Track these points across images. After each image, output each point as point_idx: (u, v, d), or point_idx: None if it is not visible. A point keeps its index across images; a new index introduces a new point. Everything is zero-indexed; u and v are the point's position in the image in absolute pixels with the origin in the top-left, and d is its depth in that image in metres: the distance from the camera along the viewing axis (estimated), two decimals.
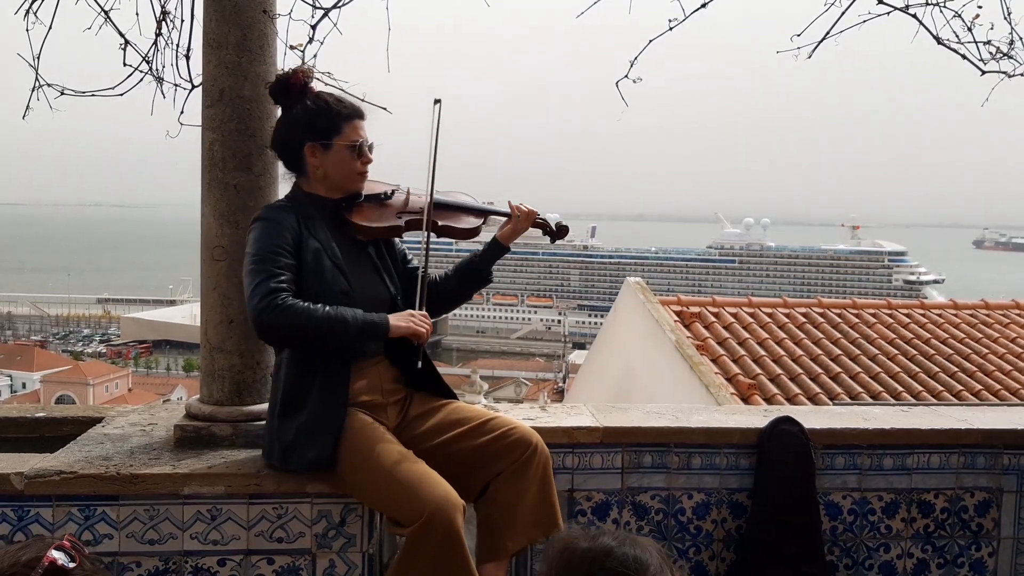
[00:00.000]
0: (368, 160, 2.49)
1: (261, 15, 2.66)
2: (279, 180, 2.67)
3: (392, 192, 2.60)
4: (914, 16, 2.95)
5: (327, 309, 2.29)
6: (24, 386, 57.45)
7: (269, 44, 2.71)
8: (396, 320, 2.37)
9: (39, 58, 3.07)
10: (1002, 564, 3.03)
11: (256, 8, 2.65)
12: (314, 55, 2.98)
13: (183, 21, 3.04)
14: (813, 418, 3.00)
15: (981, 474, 2.99)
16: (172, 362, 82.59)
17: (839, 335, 8.12)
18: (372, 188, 2.58)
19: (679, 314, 8.35)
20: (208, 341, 2.71)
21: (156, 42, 3.10)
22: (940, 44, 2.97)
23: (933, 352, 7.94)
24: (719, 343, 7.85)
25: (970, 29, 2.96)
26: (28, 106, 3.08)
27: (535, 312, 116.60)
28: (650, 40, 2.89)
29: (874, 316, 8.70)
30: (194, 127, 2.78)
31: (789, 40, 2.89)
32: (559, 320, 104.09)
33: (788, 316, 8.52)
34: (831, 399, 6.84)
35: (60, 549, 1.30)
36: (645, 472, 2.85)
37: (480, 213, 2.65)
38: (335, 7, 2.99)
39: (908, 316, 8.80)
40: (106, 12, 3.06)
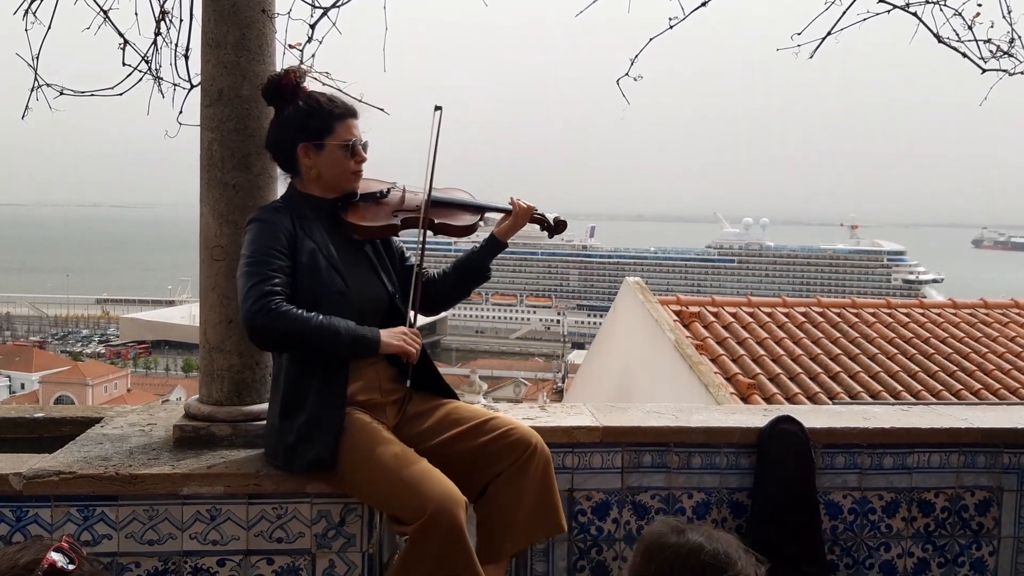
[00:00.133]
0: (362, 159, 2.48)
1: (260, 14, 2.66)
2: (278, 180, 2.67)
3: (388, 190, 2.59)
4: (914, 14, 2.95)
5: (320, 319, 2.27)
6: (23, 387, 57.43)
7: (268, 43, 2.70)
8: (387, 337, 2.37)
9: (38, 58, 3.06)
10: (1003, 563, 3.02)
11: (255, 7, 2.64)
12: (312, 54, 2.98)
13: (182, 21, 3.05)
14: (813, 417, 3.00)
15: (981, 473, 2.99)
16: (171, 363, 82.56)
17: (838, 334, 8.12)
18: (368, 187, 2.56)
19: (678, 314, 8.35)
20: (207, 341, 2.71)
21: (155, 42, 3.09)
22: (941, 42, 2.96)
23: (932, 351, 7.94)
24: (718, 343, 7.84)
25: (970, 27, 2.96)
26: (27, 106, 3.07)
27: (534, 312, 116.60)
28: (651, 38, 2.89)
29: (873, 315, 8.70)
30: (193, 127, 2.78)
31: (790, 39, 2.89)
32: (558, 320, 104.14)
33: (787, 316, 8.51)
34: (830, 398, 6.84)
35: (59, 551, 1.30)
36: (645, 472, 2.85)
37: (477, 210, 2.64)
38: (334, 6, 2.99)
39: (907, 315, 8.80)
40: (105, 12, 3.05)
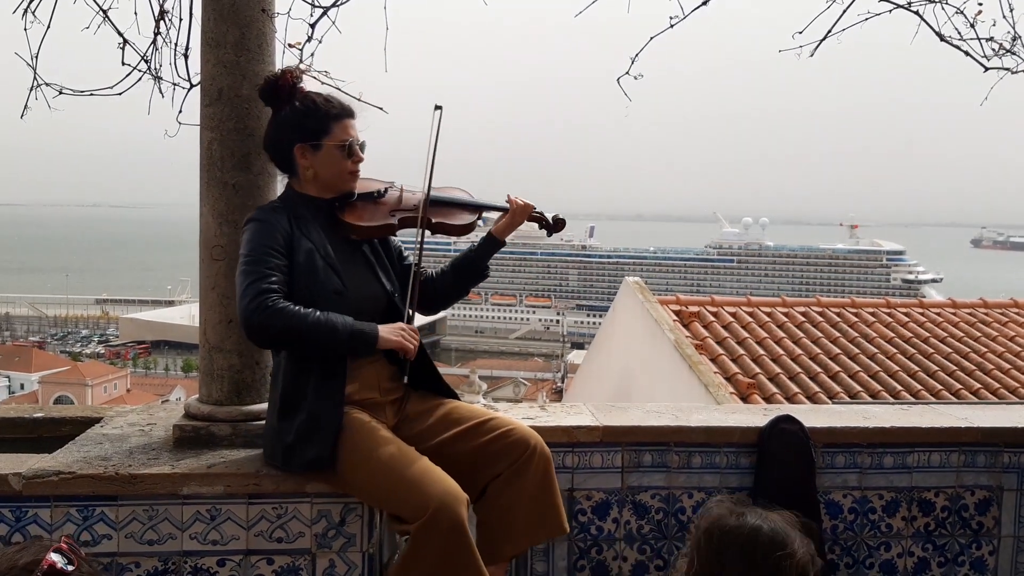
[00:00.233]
0: (359, 159, 2.47)
1: (259, 14, 2.65)
2: (277, 179, 2.66)
3: (385, 190, 2.58)
4: (916, 13, 2.94)
5: (318, 315, 2.27)
6: (22, 387, 57.43)
7: (268, 43, 2.70)
8: (385, 332, 2.36)
9: (37, 57, 3.07)
10: (1003, 563, 3.02)
11: (254, 7, 2.64)
12: (312, 54, 2.97)
13: (181, 20, 3.05)
14: (813, 417, 3.00)
15: (981, 472, 2.99)
16: (171, 363, 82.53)
17: (838, 334, 8.12)
18: (366, 186, 2.56)
19: (678, 314, 8.35)
20: (207, 341, 2.70)
21: (155, 41, 3.09)
22: (943, 41, 2.96)
23: (932, 351, 7.94)
24: (718, 342, 7.85)
25: (972, 25, 2.95)
26: (26, 105, 3.08)
27: (533, 312, 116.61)
28: (651, 37, 2.88)
29: (873, 315, 8.70)
30: (193, 126, 2.78)
31: (791, 38, 2.89)
32: (558, 320, 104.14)
33: (787, 315, 8.52)
34: (830, 398, 6.84)
35: (58, 551, 1.30)
36: (645, 471, 2.85)
37: (475, 209, 2.63)
38: (334, 5, 2.98)
39: (907, 315, 8.81)
40: (104, 11, 3.05)
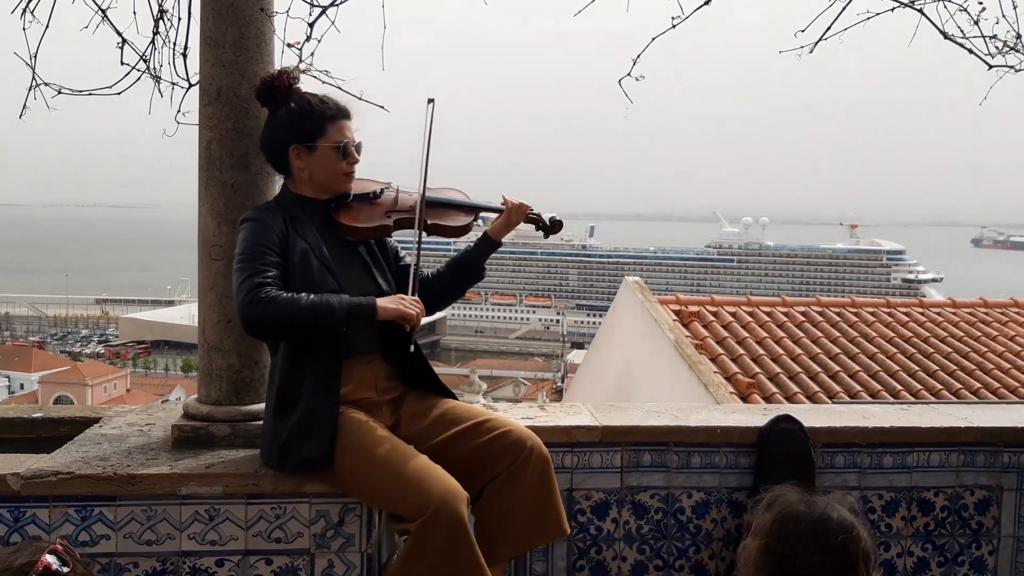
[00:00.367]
0: (354, 160, 2.47)
1: (258, 13, 2.65)
2: (276, 179, 2.66)
3: (382, 191, 2.58)
4: (919, 11, 2.93)
5: (311, 297, 2.27)
6: (22, 387, 57.46)
7: (266, 42, 2.69)
8: (384, 302, 2.34)
9: (36, 57, 3.06)
10: (1002, 562, 3.02)
11: (253, 6, 2.63)
12: (311, 53, 2.96)
13: (180, 19, 3.04)
14: (813, 416, 2.99)
15: (981, 472, 2.99)
16: (170, 362, 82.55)
17: (838, 334, 8.11)
18: (362, 187, 2.56)
19: (678, 313, 8.34)
20: (206, 340, 2.70)
21: (153, 40, 3.09)
22: (947, 39, 2.94)
23: (932, 351, 7.94)
24: (718, 342, 7.84)
25: (976, 23, 2.94)
26: (25, 105, 3.07)
27: (533, 312, 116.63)
28: (653, 38, 2.88)
29: (873, 315, 8.69)
30: (191, 126, 2.77)
31: (793, 36, 2.88)
32: (558, 320, 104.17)
33: (787, 315, 8.51)
34: (830, 398, 6.83)
35: (53, 553, 1.30)
36: (644, 471, 2.84)
37: (471, 210, 2.63)
38: (332, 5, 2.98)
39: (907, 315, 8.80)
40: (103, 11, 3.05)
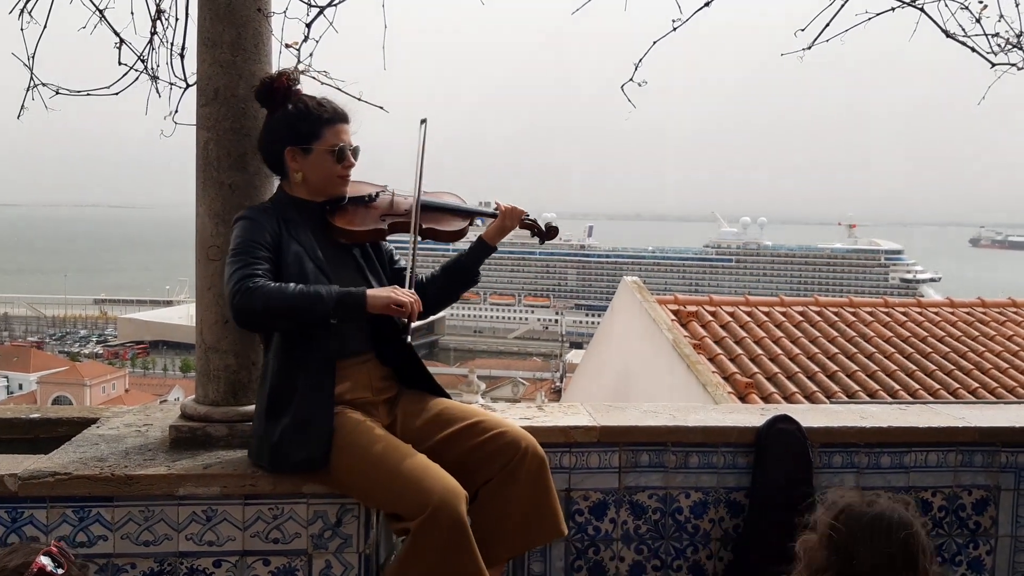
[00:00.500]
0: (350, 164, 2.46)
1: (256, 13, 2.64)
2: (274, 180, 2.66)
3: (377, 194, 2.58)
4: (920, 9, 2.92)
5: (300, 286, 2.24)
6: (21, 387, 57.41)
7: (264, 42, 2.69)
8: (375, 292, 2.29)
9: (34, 57, 3.05)
10: (1000, 562, 3.02)
11: (250, 6, 2.63)
12: (310, 53, 2.96)
13: (178, 20, 3.04)
14: (811, 416, 3.00)
15: (979, 472, 2.99)
16: (169, 363, 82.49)
17: (836, 334, 8.12)
18: (358, 189, 2.56)
19: (676, 313, 8.34)
20: (203, 341, 2.70)
21: (151, 41, 3.09)
22: (949, 37, 2.94)
23: (930, 350, 7.95)
24: (716, 342, 7.84)
25: (978, 20, 2.93)
26: (23, 106, 3.07)
27: (532, 312, 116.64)
28: (654, 41, 2.87)
29: (871, 314, 8.70)
30: (189, 126, 2.77)
31: (793, 36, 2.87)
32: (556, 320, 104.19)
33: (785, 315, 8.51)
34: (828, 398, 6.84)
35: (48, 555, 1.29)
36: (642, 471, 2.84)
37: (466, 214, 2.63)
38: (330, 5, 2.97)
39: (905, 314, 8.80)
40: (101, 11, 3.05)
